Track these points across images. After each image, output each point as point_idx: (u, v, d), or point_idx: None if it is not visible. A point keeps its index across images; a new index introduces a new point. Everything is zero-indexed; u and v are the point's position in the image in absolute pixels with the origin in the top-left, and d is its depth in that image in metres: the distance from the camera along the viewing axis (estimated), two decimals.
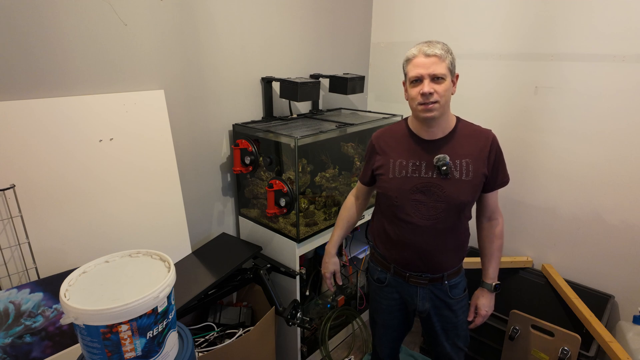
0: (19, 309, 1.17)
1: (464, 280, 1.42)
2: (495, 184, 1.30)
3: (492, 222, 1.38)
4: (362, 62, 2.54)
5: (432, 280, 1.34)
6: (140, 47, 1.48)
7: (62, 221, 1.33)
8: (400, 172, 1.29)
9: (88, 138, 1.37)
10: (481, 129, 1.29)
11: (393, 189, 1.29)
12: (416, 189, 1.26)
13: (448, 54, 1.18)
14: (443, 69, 1.16)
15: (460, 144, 1.26)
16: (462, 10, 2.10)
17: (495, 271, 1.39)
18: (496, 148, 1.27)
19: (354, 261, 2.38)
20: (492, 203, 1.35)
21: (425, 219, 1.27)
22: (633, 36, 1.65)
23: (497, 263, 1.40)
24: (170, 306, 0.99)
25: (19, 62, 1.22)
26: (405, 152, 1.29)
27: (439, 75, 1.16)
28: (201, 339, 1.62)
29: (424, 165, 1.26)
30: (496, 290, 1.39)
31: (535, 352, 1.71)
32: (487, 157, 1.25)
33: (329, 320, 2.12)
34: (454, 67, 1.21)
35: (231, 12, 1.74)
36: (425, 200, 1.26)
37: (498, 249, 1.39)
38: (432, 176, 1.25)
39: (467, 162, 1.24)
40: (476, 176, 1.24)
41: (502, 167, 1.30)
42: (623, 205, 1.80)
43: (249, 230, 1.97)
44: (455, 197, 1.24)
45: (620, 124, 1.74)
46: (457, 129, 1.28)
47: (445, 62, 1.17)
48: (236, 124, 1.87)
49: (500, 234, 1.38)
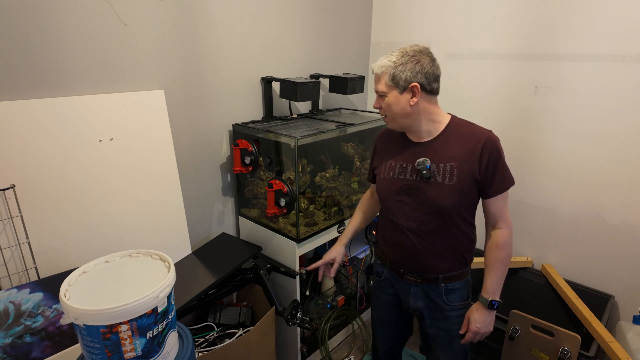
0: (19, 309, 1.17)
1: (465, 288, 1.35)
2: (491, 189, 1.22)
3: (496, 230, 1.27)
4: (362, 62, 2.54)
5: (425, 279, 1.33)
6: (140, 47, 1.48)
7: (62, 221, 1.33)
8: (388, 173, 1.32)
9: (88, 138, 1.37)
10: (476, 130, 1.23)
11: (382, 189, 1.34)
12: (401, 190, 1.28)
13: (390, 68, 1.17)
14: (381, 86, 1.21)
15: (447, 147, 1.23)
16: (462, 10, 2.10)
17: (494, 285, 1.26)
18: (490, 150, 1.18)
19: (354, 261, 2.38)
20: (494, 210, 1.25)
21: (410, 220, 1.28)
22: (633, 36, 1.65)
23: (499, 277, 1.26)
24: (170, 306, 0.99)
25: (19, 62, 1.22)
26: (396, 154, 1.32)
27: (379, 93, 1.23)
28: (201, 339, 1.62)
29: (410, 168, 1.27)
30: (492, 308, 1.26)
31: (535, 352, 1.71)
32: (477, 160, 1.18)
33: (329, 320, 2.12)
34: (401, 79, 1.17)
35: (231, 12, 1.74)
36: (410, 202, 1.27)
37: (500, 261, 1.26)
38: (416, 179, 1.25)
39: (451, 166, 1.21)
40: (462, 180, 1.20)
41: (500, 170, 1.20)
42: (623, 205, 1.80)
43: (249, 230, 1.97)
44: (436, 201, 1.22)
45: (620, 124, 1.74)
46: (447, 131, 1.25)
47: (382, 79, 1.20)
48: (236, 124, 1.87)
49: (504, 245, 1.25)
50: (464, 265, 1.33)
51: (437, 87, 1.22)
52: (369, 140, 2.24)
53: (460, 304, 1.34)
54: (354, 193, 2.11)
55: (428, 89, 1.19)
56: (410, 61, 1.17)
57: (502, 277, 1.27)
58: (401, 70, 1.17)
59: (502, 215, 1.26)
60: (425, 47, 1.21)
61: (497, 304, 1.27)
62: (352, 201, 2.07)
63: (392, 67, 1.18)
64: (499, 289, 1.27)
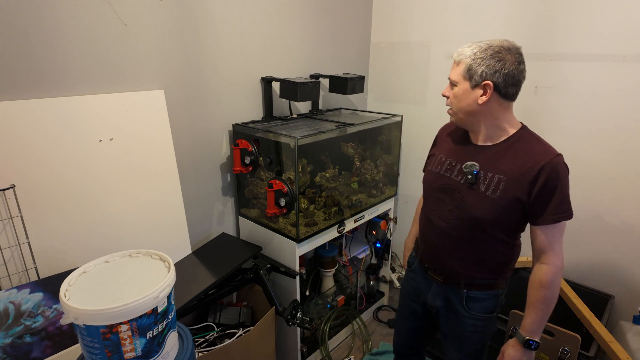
0: (19, 309, 1.17)
1: (492, 300, 1.26)
2: (540, 218, 1.10)
3: (541, 266, 1.14)
4: (362, 62, 2.54)
5: (447, 281, 1.29)
6: (140, 47, 1.48)
7: (62, 221, 1.33)
8: (436, 167, 1.30)
9: (88, 138, 1.37)
10: (541, 150, 1.11)
11: (426, 181, 1.34)
12: (442, 189, 1.25)
13: (469, 59, 1.09)
14: (454, 75, 1.15)
15: (503, 157, 1.14)
16: (462, 10, 2.10)
17: (534, 324, 1.15)
18: (548, 174, 1.06)
19: (354, 261, 2.38)
20: (541, 241, 1.13)
21: (442, 220, 1.25)
22: (633, 36, 1.65)
23: (539, 316, 1.15)
24: (170, 306, 0.99)
25: (19, 62, 1.22)
26: (450, 150, 1.29)
27: (451, 81, 1.16)
28: (201, 339, 1.62)
29: (458, 168, 1.22)
30: (529, 348, 1.16)
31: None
32: (529, 182, 1.08)
33: (329, 320, 2.12)
34: (476, 73, 1.09)
35: (231, 12, 1.74)
36: (448, 201, 1.23)
37: (541, 300, 1.14)
38: (460, 181, 1.20)
39: (499, 179, 1.12)
40: (505, 197, 1.11)
41: (557, 200, 1.08)
42: (623, 205, 1.80)
43: (249, 230, 1.97)
44: (471, 209, 1.16)
45: (620, 123, 1.74)
46: (509, 142, 1.15)
47: (458, 68, 1.13)
48: (236, 124, 1.87)
49: (547, 284, 1.12)
50: (493, 276, 1.24)
51: (515, 92, 1.11)
52: (368, 141, 2.24)
53: (482, 315, 1.27)
54: (353, 193, 2.11)
55: (503, 91, 1.09)
56: (492, 57, 1.07)
57: (544, 317, 1.16)
58: (479, 64, 1.08)
59: (549, 251, 1.13)
60: (516, 46, 1.11)
61: (535, 345, 1.16)
62: (352, 201, 2.07)
63: (471, 57, 1.09)
64: (539, 329, 1.17)
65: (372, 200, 2.19)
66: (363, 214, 2.10)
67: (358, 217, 2.07)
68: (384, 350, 2.17)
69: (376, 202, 2.18)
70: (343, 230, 1.98)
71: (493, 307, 1.28)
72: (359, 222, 2.10)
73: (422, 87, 2.35)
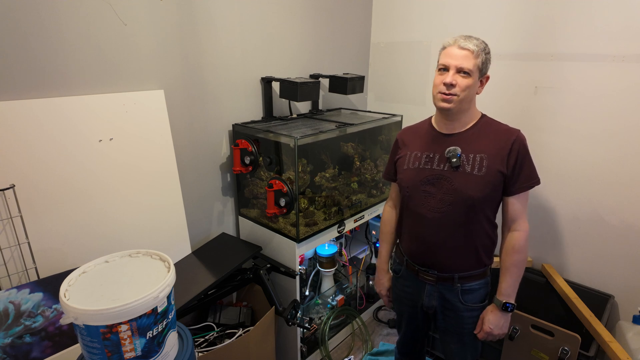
0: (18, 309, 1.17)
1: (484, 288, 1.34)
2: (515, 187, 1.23)
3: (513, 233, 1.27)
4: (362, 62, 2.54)
5: (440, 279, 1.32)
6: (139, 47, 1.48)
7: (62, 221, 1.33)
8: (414, 164, 1.32)
9: (88, 138, 1.37)
10: (506, 128, 1.27)
11: (405, 180, 1.34)
12: (427, 181, 1.28)
13: (482, 53, 1.19)
14: (471, 65, 1.18)
15: (478, 139, 1.25)
16: (462, 10, 2.10)
17: (509, 288, 1.27)
18: (518, 148, 1.21)
19: (354, 261, 2.38)
20: (513, 210, 1.26)
21: (433, 211, 1.27)
22: (633, 36, 1.64)
23: (514, 279, 1.27)
24: (170, 306, 0.99)
25: (19, 62, 1.22)
26: (422, 145, 1.33)
27: (466, 70, 1.18)
28: (201, 339, 1.63)
29: (437, 158, 1.28)
30: (506, 310, 1.27)
31: (535, 352, 1.71)
32: (506, 156, 1.21)
33: (329, 320, 2.12)
34: (485, 67, 1.22)
35: (231, 12, 1.74)
36: (435, 192, 1.27)
37: (514, 264, 1.26)
38: (444, 169, 1.26)
39: (481, 157, 1.22)
40: (490, 172, 1.21)
41: (526, 168, 1.23)
42: (623, 205, 1.80)
43: (249, 230, 1.97)
44: (463, 190, 1.22)
45: (620, 123, 1.74)
46: (479, 125, 1.27)
47: (476, 59, 1.18)
48: (236, 124, 1.87)
49: (520, 248, 1.25)
50: (481, 265, 1.31)
51: None
52: (368, 141, 2.24)
53: (477, 305, 1.34)
54: (353, 193, 2.11)
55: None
56: (489, 53, 1.22)
57: (517, 280, 1.28)
58: (488, 59, 1.22)
59: (521, 218, 1.26)
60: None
61: (511, 307, 1.27)
62: (352, 201, 2.07)
63: (485, 52, 1.20)
64: (514, 292, 1.28)
65: (372, 200, 2.19)
66: (363, 214, 2.10)
67: (358, 217, 2.07)
68: (384, 350, 2.17)
69: (376, 202, 2.18)
70: (343, 230, 1.98)
71: (485, 295, 1.36)
72: (359, 222, 2.10)
73: (422, 87, 2.35)
